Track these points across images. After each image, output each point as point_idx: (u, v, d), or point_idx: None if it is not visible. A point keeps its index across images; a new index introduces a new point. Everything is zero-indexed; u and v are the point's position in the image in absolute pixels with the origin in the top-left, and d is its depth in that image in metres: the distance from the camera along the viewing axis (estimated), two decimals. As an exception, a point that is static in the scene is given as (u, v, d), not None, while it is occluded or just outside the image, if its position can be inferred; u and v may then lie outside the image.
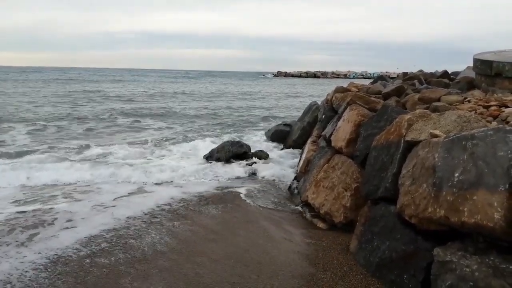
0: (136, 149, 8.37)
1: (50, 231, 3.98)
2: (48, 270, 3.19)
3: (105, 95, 23.46)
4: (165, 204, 4.98)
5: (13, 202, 4.98)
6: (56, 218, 4.33)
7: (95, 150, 8.07)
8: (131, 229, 4.09)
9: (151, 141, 9.51)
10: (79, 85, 33.49)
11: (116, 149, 8.19)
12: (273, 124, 11.98)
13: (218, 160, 7.23)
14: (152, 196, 5.36)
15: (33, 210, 4.61)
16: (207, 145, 8.54)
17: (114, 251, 3.56)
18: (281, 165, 7.28)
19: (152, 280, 3.07)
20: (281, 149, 8.73)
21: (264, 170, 6.86)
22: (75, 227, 4.13)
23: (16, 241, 3.73)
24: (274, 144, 9.31)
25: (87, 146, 8.51)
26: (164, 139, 9.92)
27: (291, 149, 8.52)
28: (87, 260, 3.36)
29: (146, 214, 4.57)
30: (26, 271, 3.16)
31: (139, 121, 13.21)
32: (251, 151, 7.60)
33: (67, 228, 4.10)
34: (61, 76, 52.92)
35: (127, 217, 4.43)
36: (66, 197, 5.19)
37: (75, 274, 3.14)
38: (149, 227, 4.16)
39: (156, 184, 5.99)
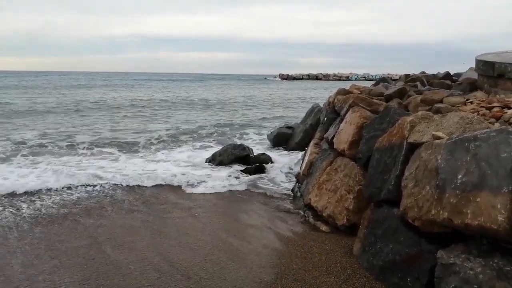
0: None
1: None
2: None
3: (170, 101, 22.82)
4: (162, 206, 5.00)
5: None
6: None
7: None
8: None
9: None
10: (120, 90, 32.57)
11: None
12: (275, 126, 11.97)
13: (220, 163, 7.23)
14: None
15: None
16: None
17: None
18: (283, 167, 7.28)
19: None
20: (283, 152, 8.72)
21: (266, 172, 6.86)
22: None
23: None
24: (276, 147, 9.30)
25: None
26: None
27: (293, 151, 8.51)
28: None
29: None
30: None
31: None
32: (254, 154, 7.59)
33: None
34: (70, 80, 51.85)
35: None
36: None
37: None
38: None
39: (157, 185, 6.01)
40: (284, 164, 7.57)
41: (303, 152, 7.42)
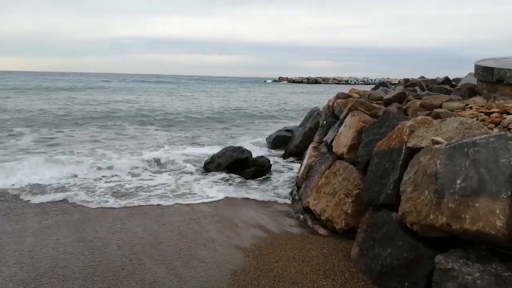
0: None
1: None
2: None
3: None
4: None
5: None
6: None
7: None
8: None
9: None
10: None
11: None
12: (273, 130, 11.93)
13: (219, 165, 7.21)
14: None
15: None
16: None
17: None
18: (281, 171, 7.28)
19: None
20: (282, 155, 8.72)
21: (265, 175, 6.87)
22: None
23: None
24: (275, 150, 9.30)
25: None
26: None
27: (292, 154, 8.51)
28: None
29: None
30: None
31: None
32: (252, 157, 7.58)
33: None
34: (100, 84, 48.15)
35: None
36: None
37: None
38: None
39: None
40: (282, 167, 7.57)
41: (302, 155, 7.42)
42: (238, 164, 7.20)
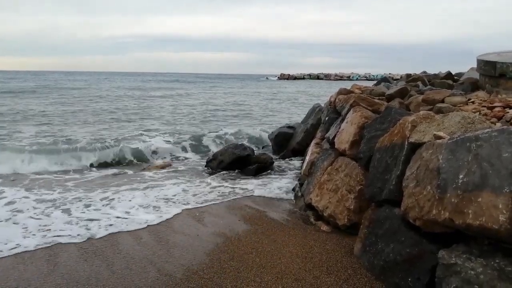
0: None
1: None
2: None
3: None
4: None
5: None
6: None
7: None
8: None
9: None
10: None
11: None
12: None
13: (221, 163, 7.22)
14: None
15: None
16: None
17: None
18: (284, 168, 7.27)
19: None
20: (284, 152, 8.70)
21: (267, 172, 6.87)
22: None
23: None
24: (277, 147, 9.27)
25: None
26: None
27: (294, 151, 8.49)
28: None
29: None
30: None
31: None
32: (255, 154, 7.59)
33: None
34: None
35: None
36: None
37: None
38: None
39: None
40: (284, 164, 7.57)
41: (304, 152, 7.41)
42: (241, 161, 7.20)
